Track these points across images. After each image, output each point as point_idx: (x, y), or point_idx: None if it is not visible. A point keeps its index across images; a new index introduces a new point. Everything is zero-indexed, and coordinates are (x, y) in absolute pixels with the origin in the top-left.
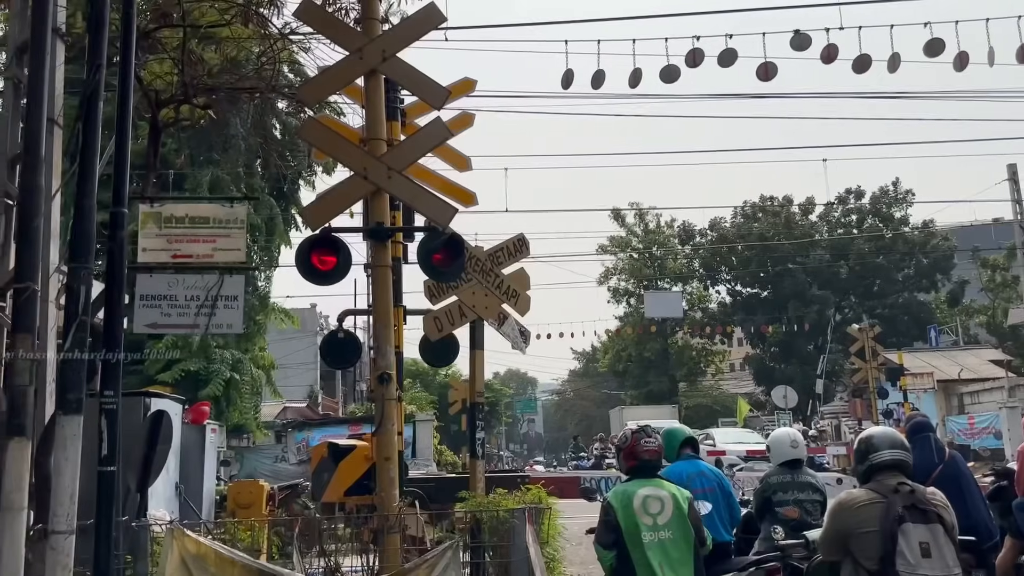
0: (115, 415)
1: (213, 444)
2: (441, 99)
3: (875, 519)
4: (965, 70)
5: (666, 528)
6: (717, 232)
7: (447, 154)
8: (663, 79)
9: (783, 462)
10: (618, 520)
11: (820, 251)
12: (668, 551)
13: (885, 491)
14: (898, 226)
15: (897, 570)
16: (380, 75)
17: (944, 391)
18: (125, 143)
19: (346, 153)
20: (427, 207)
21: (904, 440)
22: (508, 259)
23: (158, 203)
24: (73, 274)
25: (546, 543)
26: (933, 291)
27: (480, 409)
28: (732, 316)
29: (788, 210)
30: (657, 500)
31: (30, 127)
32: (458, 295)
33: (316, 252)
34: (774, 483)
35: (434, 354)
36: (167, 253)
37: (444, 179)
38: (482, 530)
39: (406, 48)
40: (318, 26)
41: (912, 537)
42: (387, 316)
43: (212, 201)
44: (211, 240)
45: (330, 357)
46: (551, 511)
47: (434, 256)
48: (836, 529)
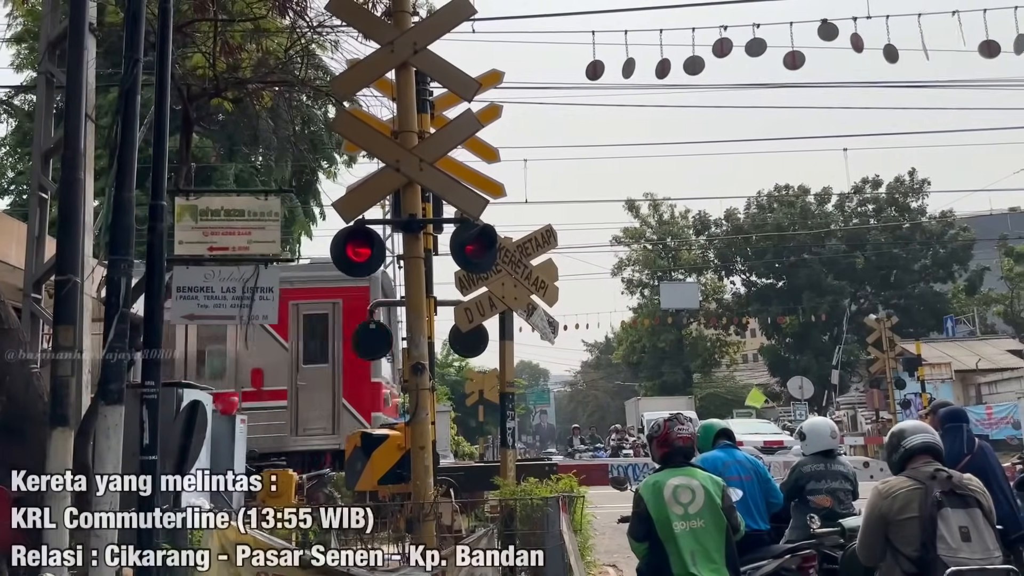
0: (155, 405)
1: (243, 434)
2: (472, 91)
3: (914, 505)
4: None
5: (697, 517)
6: (732, 223)
7: (476, 146)
8: (687, 70)
9: (818, 451)
10: (649, 511)
11: (836, 241)
12: (700, 539)
13: (922, 477)
14: (915, 216)
15: (939, 555)
16: (411, 68)
17: (962, 381)
18: (163, 137)
19: (379, 145)
20: (459, 199)
21: (932, 429)
22: (536, 250)
23: (194, 196)
24: (113, 266)
25: (578, 531)
26: (950, 281)
27: (511, 399)
28: (747, 307)
29: (804, 200)
30: (688, 489)
31: (69, 122)
32: (488, 286)
33: (351, 244)
34: (808, 472)
35: (464, 345)
36: (203, 245)
37: (472, 171)
38: (515, 518)
39: (436, 40)
40: (349, 18)
41: (952, 522)
42: (420, 307)
43: (247, 194)
44: (246, 232)
45: (362, 348)
46: (583, 499)
47: (467, 248)
48: (875, 516)
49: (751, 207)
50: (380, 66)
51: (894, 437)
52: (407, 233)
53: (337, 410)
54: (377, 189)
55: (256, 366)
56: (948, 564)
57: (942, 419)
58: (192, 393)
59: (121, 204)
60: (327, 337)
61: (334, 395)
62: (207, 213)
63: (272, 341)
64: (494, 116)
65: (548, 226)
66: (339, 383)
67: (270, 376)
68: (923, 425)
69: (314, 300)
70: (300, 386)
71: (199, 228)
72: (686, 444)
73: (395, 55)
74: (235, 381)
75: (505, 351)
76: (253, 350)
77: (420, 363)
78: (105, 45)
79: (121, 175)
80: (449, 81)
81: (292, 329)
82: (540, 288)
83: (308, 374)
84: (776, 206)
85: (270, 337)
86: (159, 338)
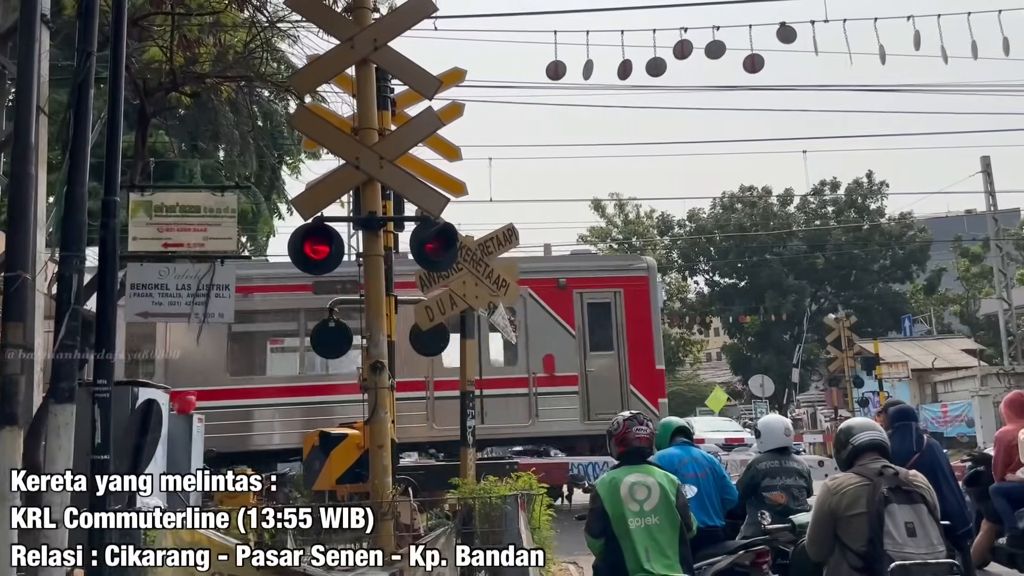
0: (108, 404)
1: (200, 433)
2: (433, 89)
3: (862, 501)
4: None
5: (652, 514)
6: (696, 223)
7: (438, 144)
8: (649, 72)
9: (773, 448)
10: (605, 508)
11: (797, 242)
12: (655, 536)
13: (870, 474)
14: (874, 217)
15: (885, 549)
16: (372, 64)
17: (918, 380)
18: (116, 131)
19: (338, 142)
20: (419, 197)
21: (879, 426)
22: (498, 249)
23: (148, 192)
24: (65, 263)
25: (536, 528)
26: (908, 282)
27: (471, 398)
28: (710, 306)
29: (766, 201)
30: (644, 487)
31: (20, 115)
32: (449, 285)
33: (309, 241)
34: (763, 469)
35: (424, 344)
36: (158, 242)
37: (434, 169)
38: (474, 517)
39: (397, 37)
40: (308, 14)
41: (898, 517)
42: (379, 305)
43: (202, 190)
44: (202, 229)
45: (321, 346)
46: (542, 497)
47: (427, 246)
48: (824, 512)
49: (715, 207)
50: (340, 62)
51: (842, 435)
52: (367, 231)
53: (625, 396)
54: (336, 186)
55: (548, 352)
56: (894, 558)
57: (892, 417)
58: (148, 392)
59: (73, 199)
60: (610, 325)
61: (621, 381)
62: (162, 209)
63: (560, 328)
64: (456, 114)
65: (510, 225)
66: (625, 370)
67: (560, 363)
68: (870, 423)
69: (597, 289)
70: (589, 373)
71: (154, 224)
72: (643, 444)
73: (355, 51)
74: (527, 366)
75: (466, 350)
76: (544, 337)
77: (379, 362)
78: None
79: (73, 170)
80: (410, 79)
81: (577, 317)
82: (501, 287)
83: (595, 361)
84: (739, 207)
85: (558, 324)
86: (112, 336)
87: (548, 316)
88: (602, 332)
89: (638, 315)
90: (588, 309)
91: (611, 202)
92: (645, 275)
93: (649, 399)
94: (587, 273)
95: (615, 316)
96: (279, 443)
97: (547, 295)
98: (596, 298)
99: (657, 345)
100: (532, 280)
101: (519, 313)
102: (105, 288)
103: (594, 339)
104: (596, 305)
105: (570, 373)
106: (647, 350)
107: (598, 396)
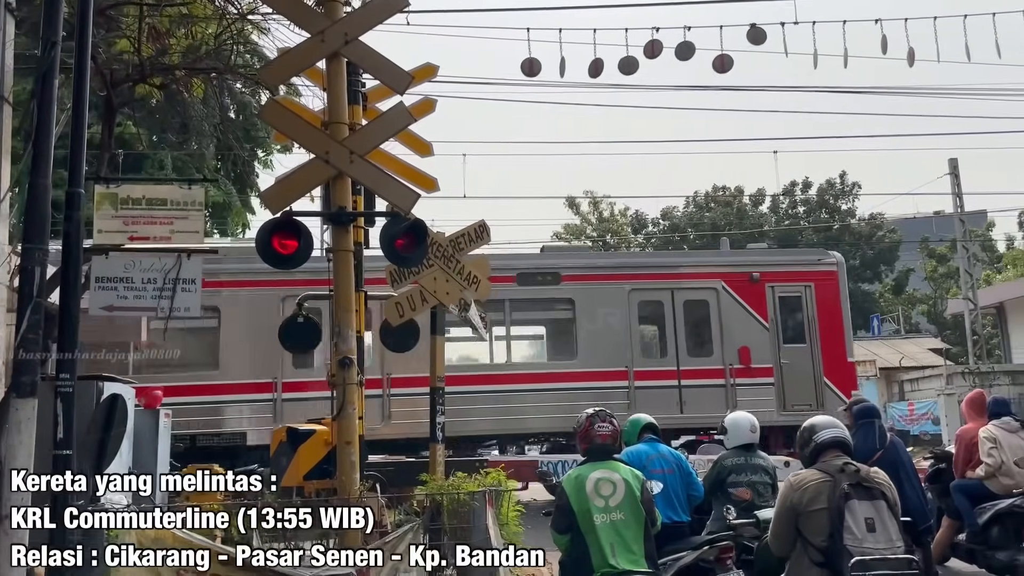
0: (71, 399)
1: (167, 429)
2: (404, 84)
3: (823, 497)
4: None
5: (618, 510)
6: (669, 221)
7: (409, 139)
8: (622, 70)
9: (739, 445)
10: (571, 504)
11: (769, 241)
12: (620, 531)
13: (832, 471)
14: (845, 218)
15: (845, 545)
16: (342, 58)
17: (886, 378)
18: (82, 122)
19: (308, 136)
20: (390, 192)
21: (842, 424)
22: (469, 245)
23: (114, 184)
24: (28, 255)
25: (505, 525)
26: (877, 281)
27: (440, 394)
28: None
29: (740, 200)
30: (609, 483)
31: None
32: (419, 281)
33: (277, 236)
34: (729, 465)
35: (395, 340)
36: (123, 235)
37: (405, 164)
38: (442, 513)
39: (369, 31)
40: (279, 6)
41: (858, 513)
42: (348, 301)
43: (170, 183)
44: (168, 222)
45: (289, 341)
46: (510, 493)
47: (397, 241)
48: (787, 508)
49: (688, 206)
50: (310, 56)
51: (805, 432)
52: (336, 226)
53: (819, 388)
54: (306, 181)
55: (743, 344)
56: (853, 553)
57: (856, 415)
58: (113, 387)
59: (36, 190)
60: (802, 318)
61: (815, 373)
62: (128, 202)
63: (754, 321)
64: (428, 110)
65: (481, 221)
66: (818, 362)
67: (756, 354)
68: (833, 420)
69: (788, 283)
70: (783, 364)
71: (119, 217)
72: (604, 442)
73: (326, 45)
74: (722, 358)
75: (436, 346)
76: (739, 329)
77: (348, 357)
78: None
79: (37, 161)
80: (381, 73)
81: (770, 310)
82: (472, 283)
83: (788, 353)
84: (713, 205)
85: (752, 317)
86: (75, 329)
87: (742, 309)
88: (794, 325)
89: (828, 308)
90: (780, 302)
91: (585, 200)
92: (835, 269)
93: (842, 391)
94: (779, 267)
95: (806, 309)
96: None
97: (740, 288)
98: (788, 292)
99: (848, 338)
100: (725, 274)
101: (712, 305)
102: (68, 281)
103: (787, 332)
104: (788, 298)
105: (765, 365)
106: (839, 343)
107: (792, 388)
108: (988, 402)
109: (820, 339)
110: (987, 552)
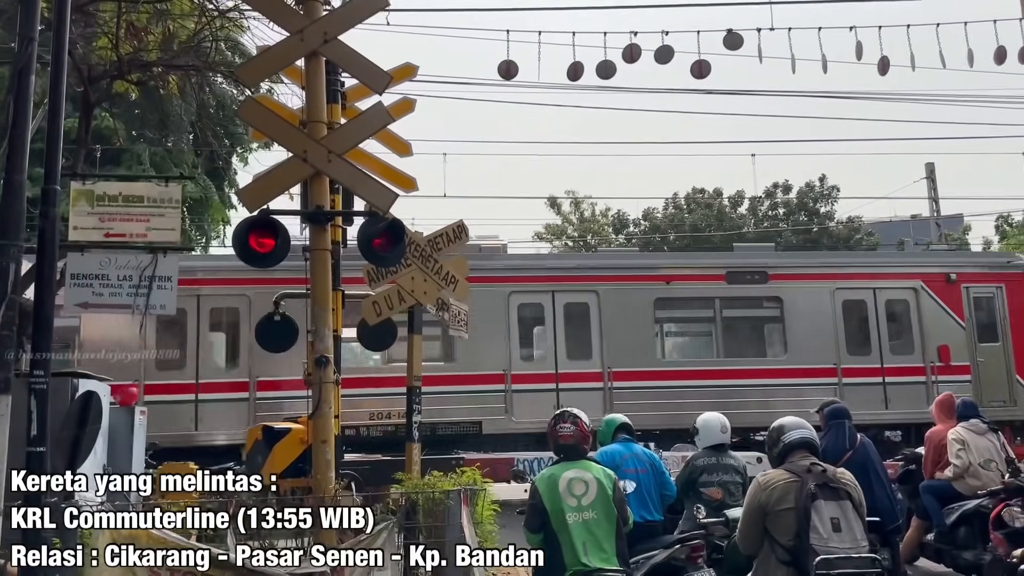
0: (45, 395)
1: (142, 426)
2: (383, 84)
3: (791, 497)
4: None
5: (590, 509)
6: (650, 222)
7: (388, 139)
8: (600, 75)
9: (710, 445)
10: (544, 503)
11: (748, 243)
12: (592, 530)
13: (799, 471)
14: (824, 220)
15: (811, 544)
16: (321, 57)
17: None
18: (58, 118)
19: (286, 135)
20: (368, 192)
21: (810, 425)
22: (447, 245)
23: (91, 181)
24: (2, 251)
25: (480, 523)
26: None
27: (417, 393)
28: None
29: (720, 202)
30: (582, 482)
31: None
32: (397, 280)
33: (254, 234)
34: (701, 465)
35: (372, 339)
36: (99, 232)
37: (384, 164)
38: (417, 512)
39: (348, 31)
40: (258, 5)
41: (824, 513)
42: (325, 300)
43: (147, 180)
44: (145, 219)
45: (265, 341)
46: (485, 492)
47: (374, 241)
48: (755, 507)
49: (668, 207)
50: (288, 55)
51: (774, 432)
52: (313, 225)
53: (1012, 385)
54: (283, 179)
55: (942, 343)
56: (819, 552)
57: (826, 416)
58: (88, 384)
59: (12, 186)
60: (995, 317)
61: (1008, 371)
62: (104, 199)
63: (952, 320)
64: (407, 110)
65: (460, 221)
66: (1011, 360)
67: (954, 352)
68: (801, 421)
69: (982, 284)
70: (979, 362)
71: (95, 214)
72: (566, 442)
73: (304, 44)
74: (923, 356)
75: (413, 345)
76: (937, 328)
77: (324, 356)
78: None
79: (13, 156)
80: (360, 73)
81: (966, 310)
82: (451, 283)
83: (983, 351)
84: (693, 207)
85: (949, 317)
86: (49, 326)
87: (940, 308)
88: (987, 324)
89: (1018, 308)
90: (975, 302)
91: (567, 200)
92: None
93: None
94: (973, 268)
95: (998, 309)
96: None
97: (938, 288)
98: (981, 292)
99: None
100: (924, 275)
101: (911, 305)
102: (43, 278)
103: (981, 330)
104: (981, 299)
105: (963, 363)
106: None
107: (987, 385)
108: (957, 404)
109: (1012, 338)
110: (954, 552)
